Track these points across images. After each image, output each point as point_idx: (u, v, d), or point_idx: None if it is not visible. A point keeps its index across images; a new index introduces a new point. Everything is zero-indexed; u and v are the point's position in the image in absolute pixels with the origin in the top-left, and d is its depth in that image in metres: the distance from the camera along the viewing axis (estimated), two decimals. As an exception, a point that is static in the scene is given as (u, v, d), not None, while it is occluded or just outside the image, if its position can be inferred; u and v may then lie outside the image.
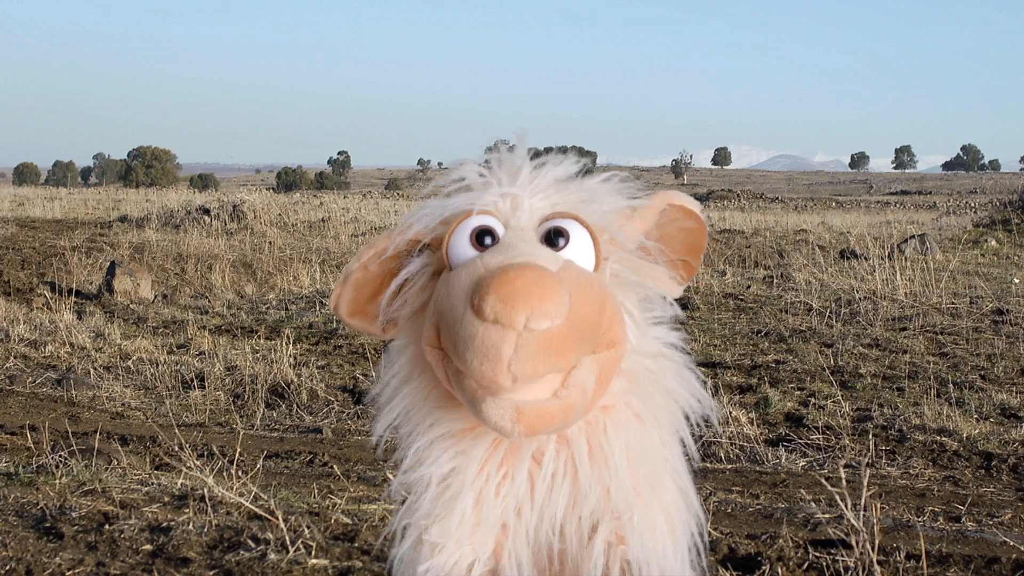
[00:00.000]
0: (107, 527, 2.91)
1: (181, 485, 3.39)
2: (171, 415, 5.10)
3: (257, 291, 10.04)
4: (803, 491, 3.51)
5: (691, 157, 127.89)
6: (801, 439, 4.32)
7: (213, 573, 2.62)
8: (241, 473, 3.50)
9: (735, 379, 5.52)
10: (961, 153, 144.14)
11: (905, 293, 8.02)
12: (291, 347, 6.28)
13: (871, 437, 4.21)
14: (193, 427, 4.82)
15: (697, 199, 1.16)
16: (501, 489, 1.07)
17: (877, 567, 2.51)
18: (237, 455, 3.87)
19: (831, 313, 7.21)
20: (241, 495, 3.14)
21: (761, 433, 4.42)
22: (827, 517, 3.08)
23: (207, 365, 6.03)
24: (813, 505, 3.31)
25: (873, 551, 2.52)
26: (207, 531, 2.86)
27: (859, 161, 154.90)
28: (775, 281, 9.27)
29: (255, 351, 6.45)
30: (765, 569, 2.64)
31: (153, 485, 3.43)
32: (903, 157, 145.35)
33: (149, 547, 2.77)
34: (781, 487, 3.66)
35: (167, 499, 3.25)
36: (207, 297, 9.56)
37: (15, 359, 6.30)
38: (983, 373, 5.45)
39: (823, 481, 3.10)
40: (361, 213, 21.58)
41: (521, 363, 0.93)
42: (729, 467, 4.00)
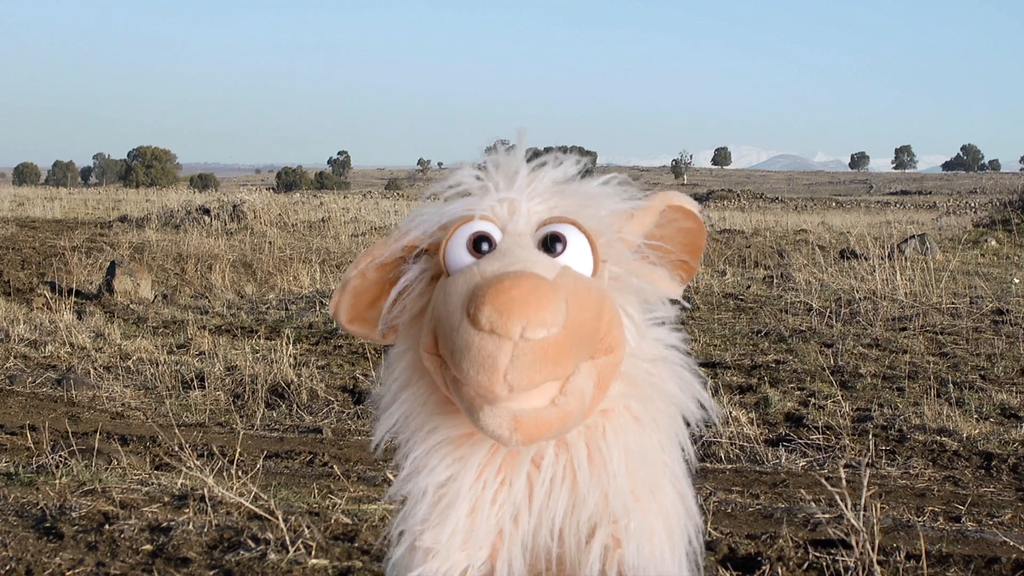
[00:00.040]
0: (107, 527, 2.91)
1: (181, 485, 3.40)
2: (171, 415, 5.10)
3: (257, 291, 10.04)
4: (803, 491, 3.51)
5: (691, 157, 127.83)
6: (801, 439, 4.32)
7: (213, 573, 2.62)
8: (241, 473, 3.50)
9: (735, 379, 5.52)
10: (961, 153, 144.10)
11: (905, 293, 8.02)
12: (291, 347, 6.29)
13: (871, 437, 4.21)
14: (193, 427, 4.82)
15: (697, 199, 1.15)
16: (498, 495, 1.07)
17: (877, 567, 2.51)
18: (237, 455, 3.87)
19: (831, 313, 7.21)
20: (241, 495, 3.14)
21: (761, 433, 4.42)
22: (827, 517, 3.08)
23: (207, 365, 6.03)
24: (813, 505, 3.31)
25: (873, 551, 2.52)
26: (207, 531, 2.86)
27: (859, 161, 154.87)
28: (775, 281, 9.28)
29: (255, 351, 6.45)
30: (765, 569, 2.65)
31: (153, 485, 3.43)
32: (903, 157, 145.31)
33: (149, 547, 2.77)
34: (781, 487, 3.66)
35: (167, 499, 3.25)
36: (207, 297, 9.56)
37: (15, 359, 6.30)
38: (983, 373, 5.45)
39: (823, 481, 3.10)
40: (361, 213, 21.58)
41: (517, 373, 0.92)
42: (729, 467, 4.00)
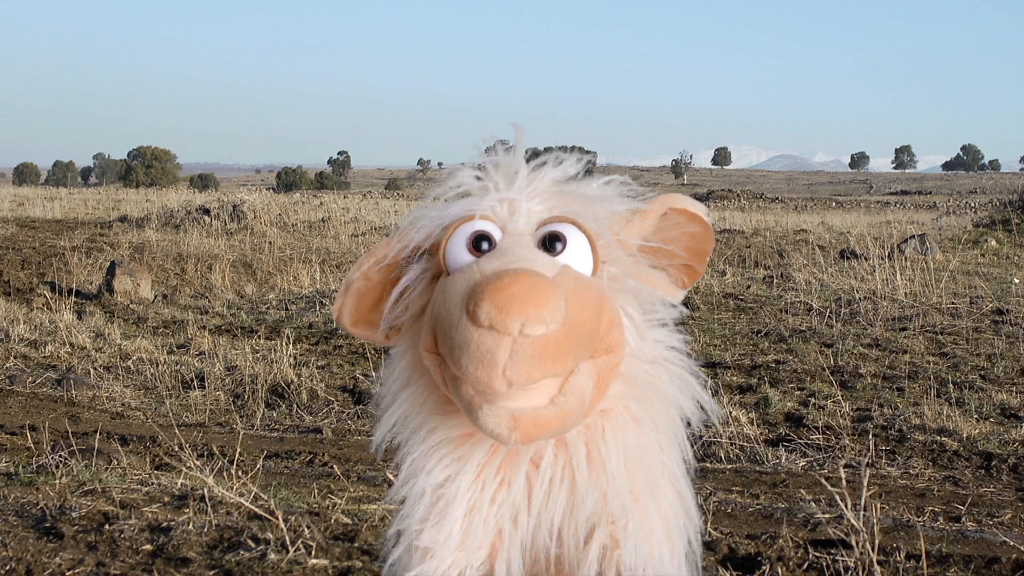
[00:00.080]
0: (107, 527, 2.91)
1: (181, 485, 3.40)
2: (171, 415, 5.10)
3: (257, 291, 10.03)
4: (803, 491, 3.51)
5: (691, 157, 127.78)
6: (801, 439, 4.32)
7: (213, 573, 2.62)
8: (241, 473, 3.50)
9: (735, 379, 5.52)
10: (961, 153, 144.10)
11: (905, 293, 8.02)
12: (291, 347, 6.29)
13: (871, 437, 4.21)
14: (193, 427, 4.82)
15: (697, 199, 1.15)
16: (497, 496, 1.07)
17: (877, 567, 2.51)
18: (237, 455, 3.87)
19: (831, 313, 7.21)
20: (241, 495, 3.14)
21: (761, 433, 4.42)
22: (827, 517, 3.08)
23: (207, 365, 6.03)
24: (813, 505, 3.31)
25: (873, 551, 2.52)
26: (207, 531, 2.86)
27: (859, 161, 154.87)
28: (775, 281, 9.28)
29: (255, 351, 6.45)
30: (765, 569, 2.65)
31: (153, 485, 3.43)
32: (903, 157, 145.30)
33: (149, 547, 2.77)
34: (781, 487, 3.66)
35: (167, 499, 3.25)
36: (207, 297, 9.56)
37: (15, 359, 6.30)
38: (983, 373, 5.45)
39: (823, 481, 3.10)
40: (361, 213, 21.59)
41: (516, 368, 0.92)
42: (729, 467, 4.00)
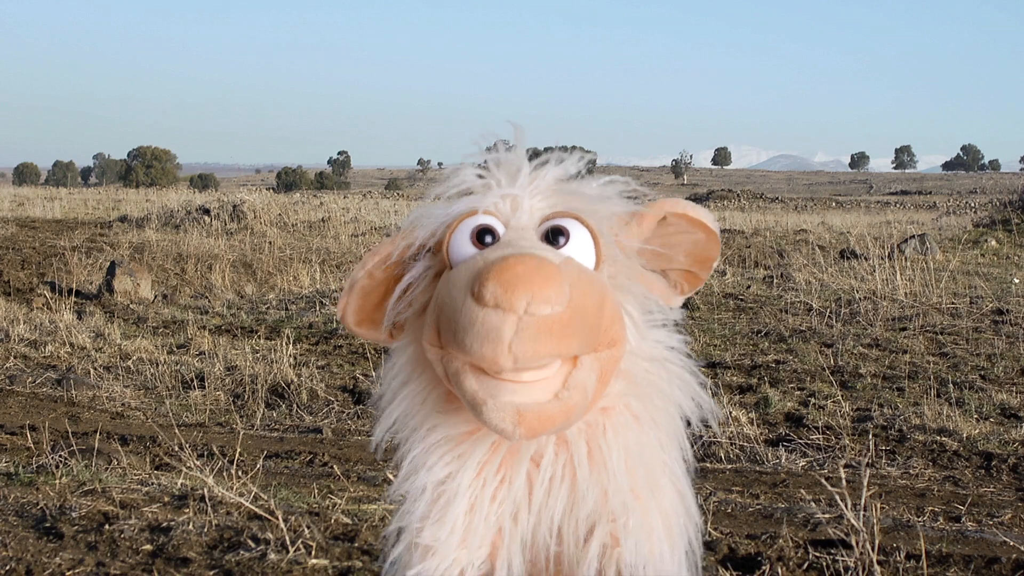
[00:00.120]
0: (107, 527, 2.91)
1: (181, 485, 3.39)
2: (171, 415, 5.10)
3: (257, 291, 10.03)
4: (803, 491, 3.51)
5: (691, 157, 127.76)
6: (801, 439, 4.32)
7: (213, 573, 2.62)
8: (241, 473, 3.50)
9: (735, 379, 5.52)
10: (961, 153, 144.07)
11: (905, 293, 8.02)
12: (291, 347, 6.28)
13: (871, 437, 4.21)
14: (193, 427, 4.82)
15: (697, 199, 1.15)
16: (498, 493, 1.07)
17: (877, 567, 2.51)
18: (237, 455, 3.87)
19: (831, 313, 7.21)
20: (241, 495, 3.14)
21: (761, 433, 4.42)
22: (827, 517, 3.08)
23: (207, 365, 6.03)
24: (813, 505, 3.31)
25: (873, 551, 2.52)
26: (207, 531, 2.86)
27: (859, 161, 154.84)
28: (775, 281, 9.27)
29: (255, 351, 6.45)
30: (765, 569, 2.64)
31: (153, 485, 3.43)
32: (903, 157, 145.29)
33: (149, 547, 2.77)
34: (781, 487, 3.66)
35: (167, 499, 3.25)
36: (207, 297, 9.56)
37: (15, 359, 6.30)
38: (983, 373, 5.45)
39: (823, 481, 3.10)
40: (361, 213, 21.59)
41: (522, 344, 0.92)
42: (729, 467, 4.00)
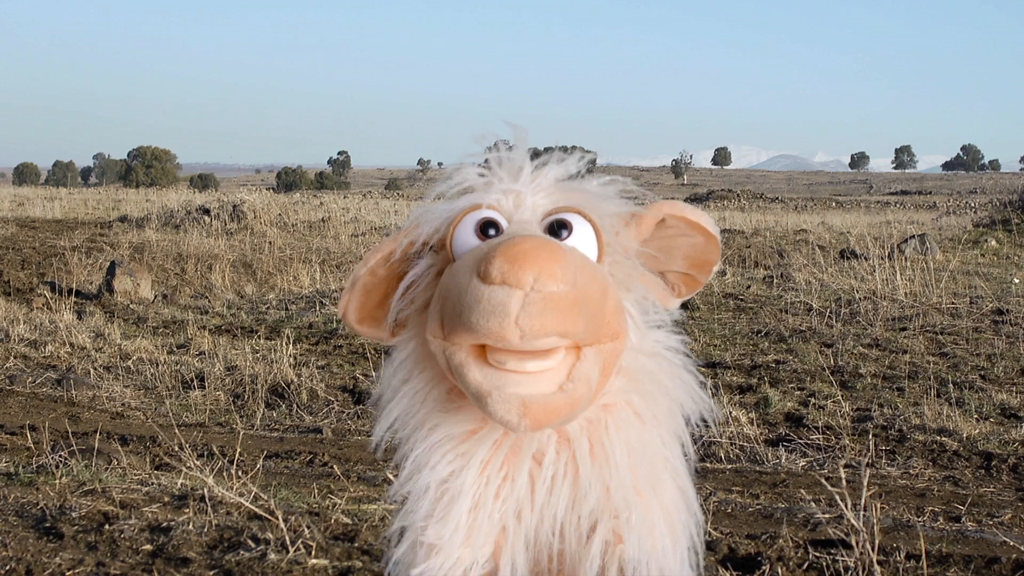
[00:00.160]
0: (107, 527, 2.91)
1: (181, 485, 3.39)
2: (171, 415, 5.10)
3: (257, 291, 10.03)
4: (803, 491, 3.51)
5: (691, 157, 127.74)
6: (801, 439, 4.32)
7: (213, 573, 2.62)
8: (241, 473, 3.50)
9: (735, 379, 5.52)
10: (961, 153, 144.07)
11: (905, 293, 8.02)
12: (291, 347, 6.28)
13: (871, 437, 4.21)
14: (193, 427, 4.82)
15: (697, 199, 1.15)
16: (501, 491, 1.07)
17: (877, 567, 2.51)
18: (237, 455, 3.87)
19: (831, 313, 7.21)
20: (241, 495, 3.14)
21: (761, 433, 4.42)
22: (827, 517, 3.08)
23: (207, 365, 6.03)
24: (813, 505, 3.31)
25: (873, 551, 2.52)
26: (207, 531, 2.86)
27: (859, 161, 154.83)
28: (775, 281, 9.27)
29: (255, 351, 6.45)
30: (765, 569, 2.64)
31: (153, 485, 3.43)
32: (903, 157, 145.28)
33: (149, 547, 2.77)
34: (781, 487, 3.66)
35: (167, 499, 3.25)
36: (207, 297, 9.56)
37: (15, 359, 6.30)
38: (983, 373, 5.45)
39: (823, 481, 3.10)
40: (361, 213, 21.59)
41: (529, 318, 0.92)
42: (729, 467, 4.00)
